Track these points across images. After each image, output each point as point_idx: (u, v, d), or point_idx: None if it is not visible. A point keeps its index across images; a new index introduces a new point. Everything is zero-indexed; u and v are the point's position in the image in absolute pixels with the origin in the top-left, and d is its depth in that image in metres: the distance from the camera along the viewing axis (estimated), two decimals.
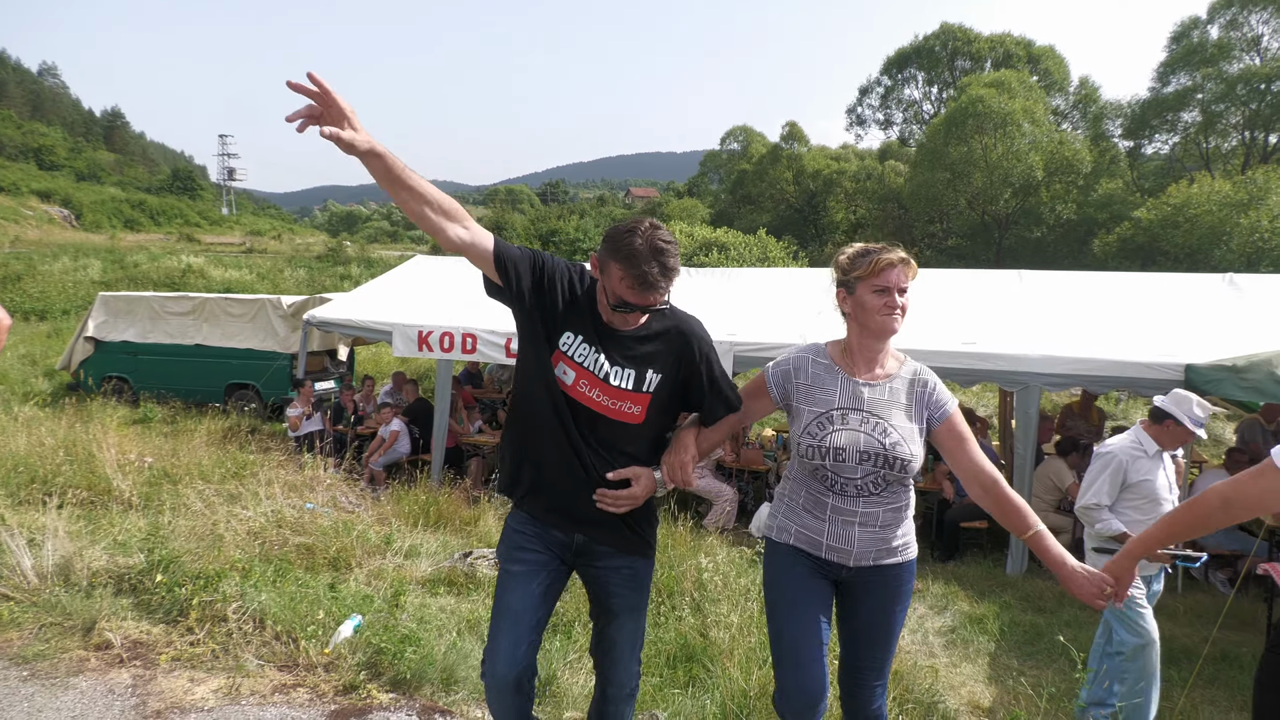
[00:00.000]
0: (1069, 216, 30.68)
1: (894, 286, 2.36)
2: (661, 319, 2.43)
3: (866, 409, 2.41)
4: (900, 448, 2.37)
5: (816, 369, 2.50)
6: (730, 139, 54.87)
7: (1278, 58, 32.00)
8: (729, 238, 24.75)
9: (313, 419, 10.03)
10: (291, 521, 5.86)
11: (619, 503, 2.36)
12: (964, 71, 40.20)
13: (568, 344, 2.37)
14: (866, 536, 2.43)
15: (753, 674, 3.63)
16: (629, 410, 2.38)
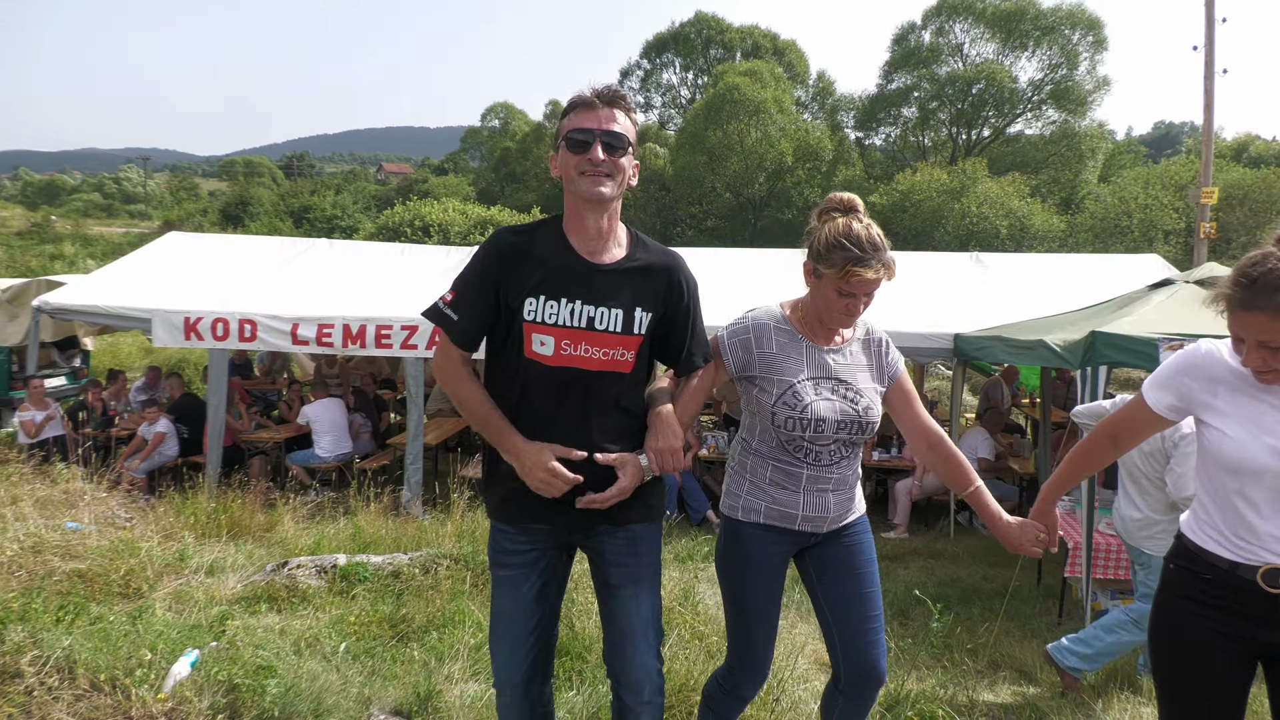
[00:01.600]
0: (815, 200, 33.26)
1: (859, 294, 2.28)
2: (641, 249, 2.21)
3: (835, 375, 2.39)
4: (872, 411, 2.39)
5: (780, 336, 2.40)
6: (491, 115, 53.96)
7: (976, 64, 36.56)
8: (504, 216, 24.36)
9: (53, 422, 8.62)
10: (55, 545, 4.99)
11: (607, 502, 2.13)
12: (717, 60, 42.24)
13: (533, 310, 2.09)
14: (839, 500, 2.44)
15: None
16: (622, 358, 2.15)
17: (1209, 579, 1.94)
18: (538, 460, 2.06)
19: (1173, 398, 2.01)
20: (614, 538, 2.22)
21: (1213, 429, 1.93)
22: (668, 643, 3.97)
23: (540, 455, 2.06)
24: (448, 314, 2.15)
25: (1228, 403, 1.91)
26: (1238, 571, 1.89)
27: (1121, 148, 40.91)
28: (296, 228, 36.13)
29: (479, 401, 2.14)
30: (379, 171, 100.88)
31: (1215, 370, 1.94)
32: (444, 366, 2.20)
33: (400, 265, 10.43)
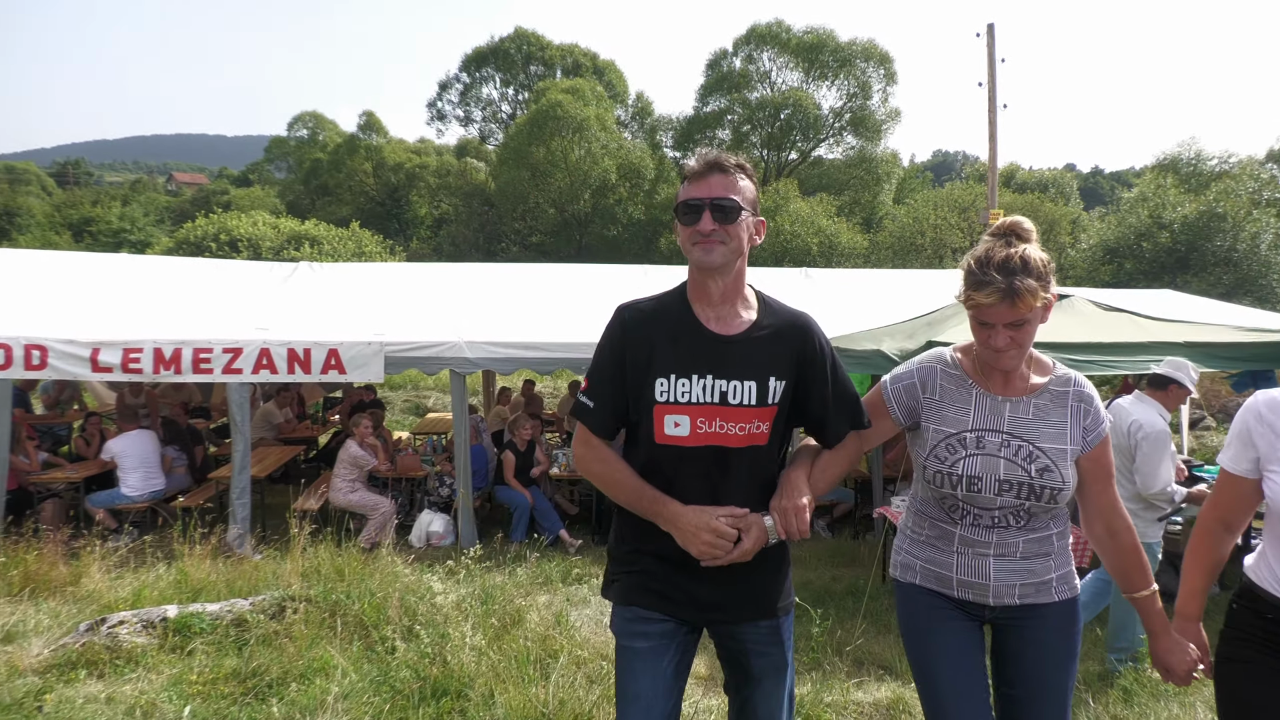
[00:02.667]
0: (639, 216, 33.98)
1: (996, 322, 2.00)
2: (768, 313, 2.11)
3: (1008, 430, 2.09)
4: (1050, 474, 2.05)
5: (946, 382, 2.17)
6: (299, 125, 51.17)
7: (783, 90, 38.77)
8: (320, 230, 23.05)
9: None
10: None
11: (728, 560, 2.00)
12: (538, 76, 42.29)
13: (665, 390, 2.02)
14: (1006, 568, 2.12)
15: (532, 689, 3.42)
16: (758, 430, 2.05)
17: (1270, 618, 1.99)
18: (700, 522, 1.98)
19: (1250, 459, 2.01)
20: (757, 628, 2.15)
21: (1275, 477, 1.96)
22: (553, 672, 3.83)
23: (702, 517, 1.98)
24: (585, 403, 2.10)
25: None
26: None
27: (911, 173, 44.69)
28: (76, 242, 32.56)
29: (627, 476, 2.07)
30: (169, 181, 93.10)
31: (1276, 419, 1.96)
32: (585, 455, 2.14)
33: (215, 282, 9.60)
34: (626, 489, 2.07)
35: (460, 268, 11.98)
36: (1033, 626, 2.14)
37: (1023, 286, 1.94)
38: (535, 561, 6.24)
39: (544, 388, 14.49)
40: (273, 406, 10.24)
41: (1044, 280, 1.99)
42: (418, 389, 16.87)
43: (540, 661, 3.99)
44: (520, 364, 7.84)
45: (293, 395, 10.86)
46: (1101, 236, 23.85)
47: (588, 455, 2.13)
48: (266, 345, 7.43)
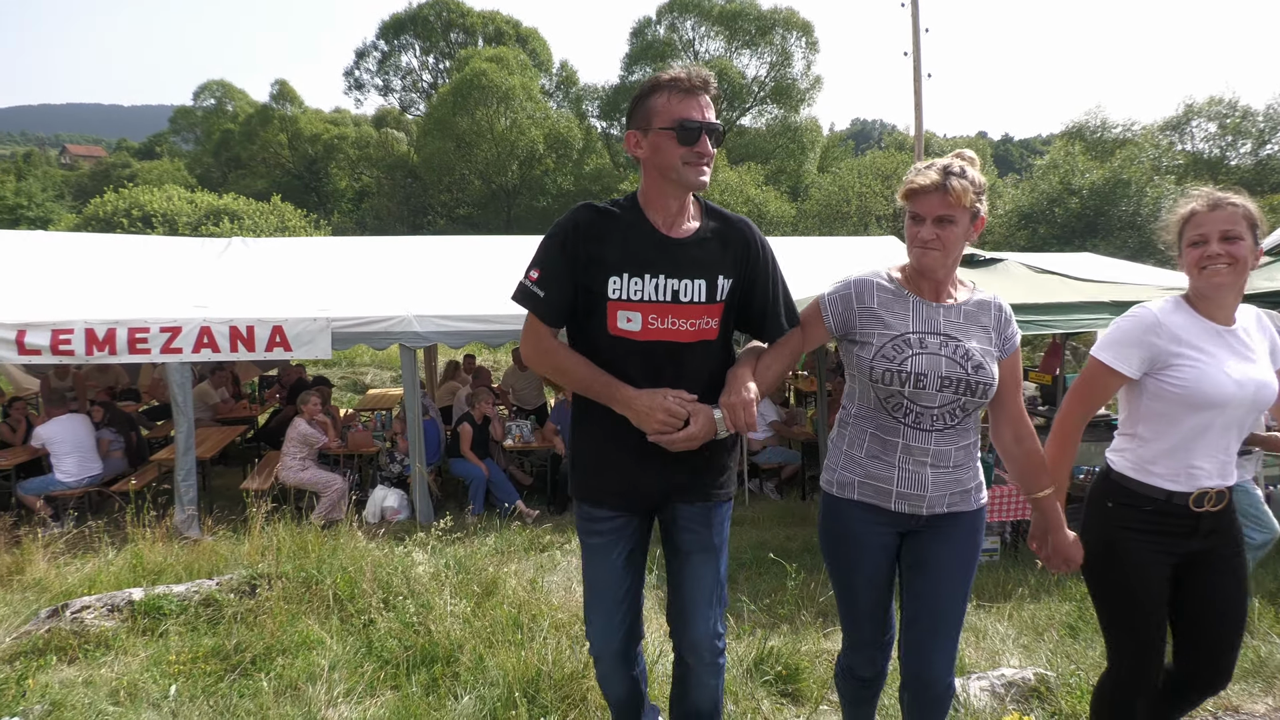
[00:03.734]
0: (569, 188, 33.73)
1: (927, 215, 2.18)
2: (714, 219, 2.25)
3: (943, 332, 2.25)
4: (983, 371, 2.22)
5: (883, 294, 2.29)
6: (206, 94, 48.85)
7: (706, 59, 38.82)
8: (240, 205, 22.21)
9: None
10: None
11: (674, 444, 2.13)
12: (459, 44, 41.29)
13: (618, 288, 2.14)
14: (941, 479, 2.26)
15: (523, 653, 3.50)
16: (708, 326, 2.20)
17: (1149, 510, 2.34)
18: (654, 403, 2.11)
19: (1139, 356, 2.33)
20: (690, 506, 2.30)
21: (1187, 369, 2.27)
22: (536, 636, 3.92)
23: (655, 398, 2.11)
24: (535, 292, 2.17)
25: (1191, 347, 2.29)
26: (1173, 500, 2.32)
27: (834, 140, 45.39)
28: None
29: (580, 365, 2.18)
30: (63, 154, 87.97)
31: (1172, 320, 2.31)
32: (535, 345, 2.23)
33: (142, 259, 9.24)
34: (580, 374, 2.18)
35: (398, 241, 11.78)
36: (950, 531, 2.32)
37: (957, 181, 2.13)
38: (498, 532, 6.30)
39: (485, 360, 14.41)
40: (208, 387, 9.95)
41: (979, 191, 2.19)
42: (354, 366, 16.55)
43: (523, 625, 4.07)
44: (471, 337, 7.81)
45: (227, 375, 10.57)
46: (1016, 203, 24.80)
47: (539, 345, 2.23)
48: (207, 323, 7.22)
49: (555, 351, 2.21)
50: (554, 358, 2.22)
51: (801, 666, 3.79)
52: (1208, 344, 2.28)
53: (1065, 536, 2.38)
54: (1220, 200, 2.29)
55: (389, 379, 15.94)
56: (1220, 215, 2.27)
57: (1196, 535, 2.34)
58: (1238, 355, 2.29)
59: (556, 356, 2.21)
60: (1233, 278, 2.27)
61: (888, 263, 2.43)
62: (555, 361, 2.22)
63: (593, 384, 2.17)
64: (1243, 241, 2.25)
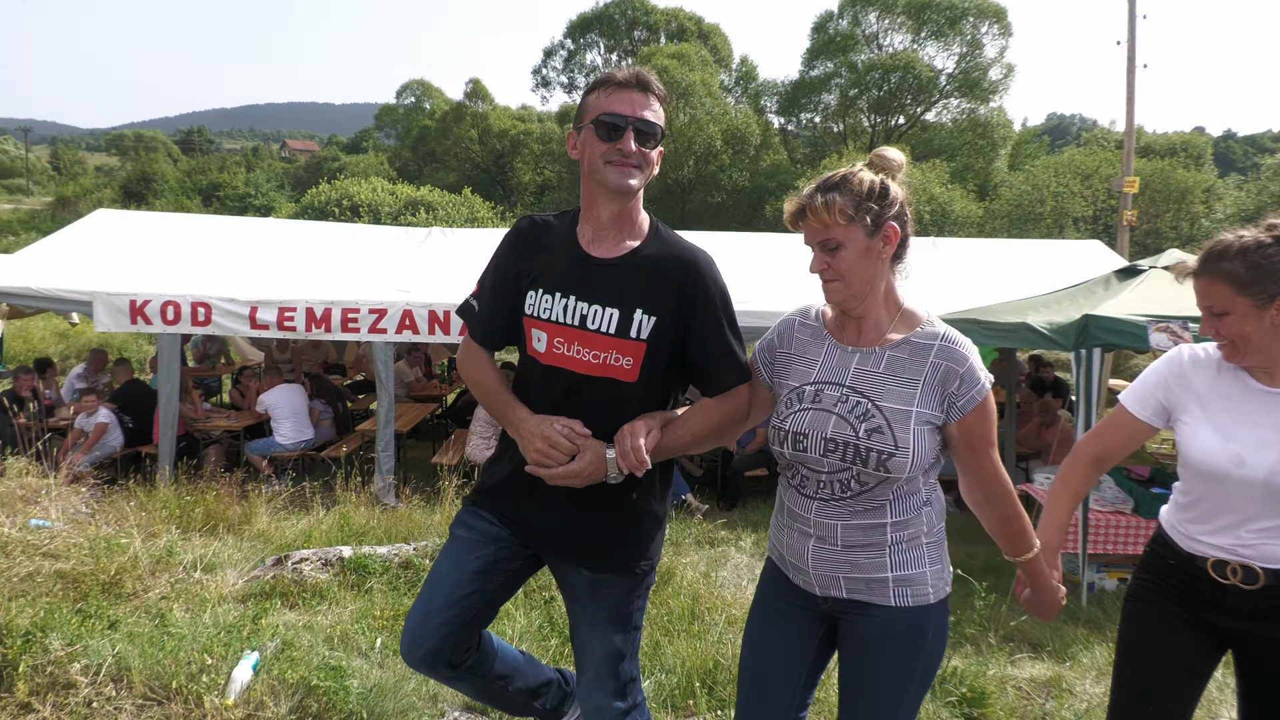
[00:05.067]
0: (744, 184, 33.62)
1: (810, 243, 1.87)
2: (655, 243, 1.97)
3: (849, 384, 1.85)
4: (880, 436, 1.78)
5: (802, 334, 1.97)
6: (407, 93, 52.37)
7: (890, 52, 37.47)
8: (435, 196, 23.73)
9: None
10: (25, 545, 4.64)
11: (552, 479, 1.89)
12: (642, 41, 42.06)
13: (533, 304, 1.96)
14: (825, 556, 1.87)
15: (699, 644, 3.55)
16: (617, 363, 1.91)
17: (1173, 564, 2.07)
18: (538, 430, 1.89)
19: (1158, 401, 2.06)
20: (578, 573, 2.06)
21: (1186, 427, 2.01)
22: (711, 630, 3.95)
23: (541, 425, 1.89)
24: (470, 304, 2.10)
25: (1200, 405, 1.99)
26: (1195, 562, 2.02)
27: (1026, 136, 42.68)
28: (206, 205, 34.43)
29: (493, 382, 2.04)
30: (283, 148, 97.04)
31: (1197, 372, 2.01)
32: (463, 355, 2.12)
33: (354, 246, 10.06)
34: (486, 390, 2.05)
35: None
36: (865, 628, 1.87)
37: (820, 199, 1.78)
38: (670, 523, 6.40)
39: None
40: (404, 365, 10.69)
41: (860, 200, 1.78)
42: None
43: (699, 617, 4.12)
44: None
45: (421, 355, 11.32)
46: (1240, 205, 22.39)
47: (465, 356, 2.11)
48: (409, 307, 7.78)
49: (474, 363, 2.08)
50: (473, 369, 2.08)
51: (989, 691, 3.62)
52: (1228, 404, 1.94)
53: (1049, 589, 2.02)
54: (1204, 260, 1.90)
55: None
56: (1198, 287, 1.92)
57: (1226, 612, 1.97)
58: (1263, 427, 1.89)
59: (475, 369, 2.08)
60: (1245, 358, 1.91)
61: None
62: (473, 373, 2.09)
63: (495, 402, 2.03)
64: (1230, 316, 1.86)
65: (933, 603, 1.86)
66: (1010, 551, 1.96)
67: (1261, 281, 1.80)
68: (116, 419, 8.16)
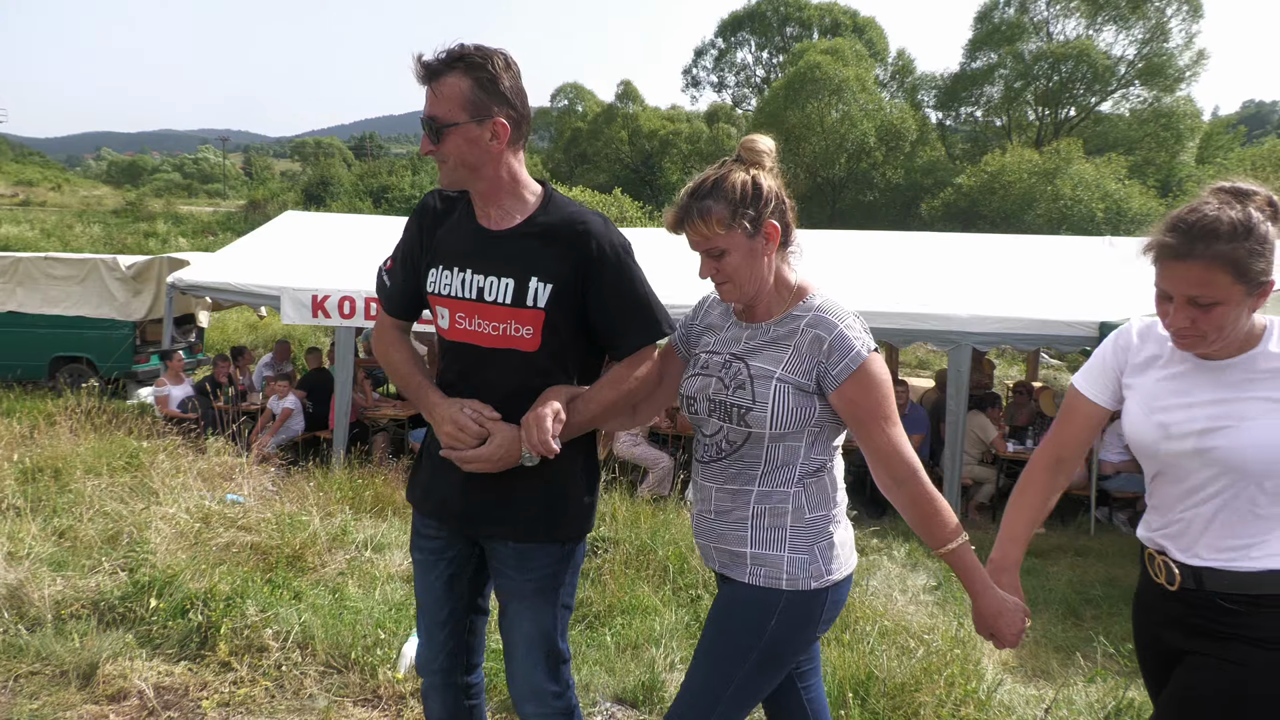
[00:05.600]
0: (898, 181, 32.56)
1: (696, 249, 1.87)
2: (549, 214, 1.92)
3: (734, 351, 1.91)
4: (742, 392, 1.82)
5: (714, 309, 2.05)
6: (561, 96, 53.91)
7: (1061, 40, 35.21)
8: (586, 196, 24.34)
9: (188, 396, 8.86)
10: (222, 517, 5.10)
11: (464, 463, 1.87)
12: (794, 38, 41.49)
13: (434, 281, 1.94)
14: (703, 525, 1.94)
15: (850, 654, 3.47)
16: (519, 334, 1.88)
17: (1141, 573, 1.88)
18: (446, 413, 1.88)
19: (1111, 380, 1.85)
20: (505, 546, 2.00)
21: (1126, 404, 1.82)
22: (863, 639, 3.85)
23: (451, 409, 1.87)
24: (383, 280, 2.07)
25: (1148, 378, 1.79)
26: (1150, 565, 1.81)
27: (1218, 127, 39.03)
28: (376, 207, 36.73)
29: (404, 362, 2.02)
30: None
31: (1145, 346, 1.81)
32: (377, 336, 2.11)
33: None
34: (399, 373, 2.02)
35: None
36: (721, 598, 1.92)
37: (696, 211, 1.77)
38: None
39: None
40: None
41: (735, 205, 1.77)
42: None
43: (850, 626, 4.03)
44: None
45: None
46: None
47: (379, 335, 2.08)
48: None
49: (389, 344, 2.05)
50: (386, 349, 2.06)
51: None
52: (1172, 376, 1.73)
53: (991, 602, 1.80)
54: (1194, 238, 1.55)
55: None
56: (1185, 271, 1.56)
57: (1168, 624, 1.75)
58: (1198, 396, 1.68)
59: (388, 349, 2.05)
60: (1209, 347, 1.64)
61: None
62: (386, 353, 2.06)
63: (408, 385, 2.01)
64: (1220, 308, 1.55)
65: (785, 589, 1.81)
66: (930, 543, 1.83)
67: (1261, 260, 1.54)
68: (300, 404, 8.85)
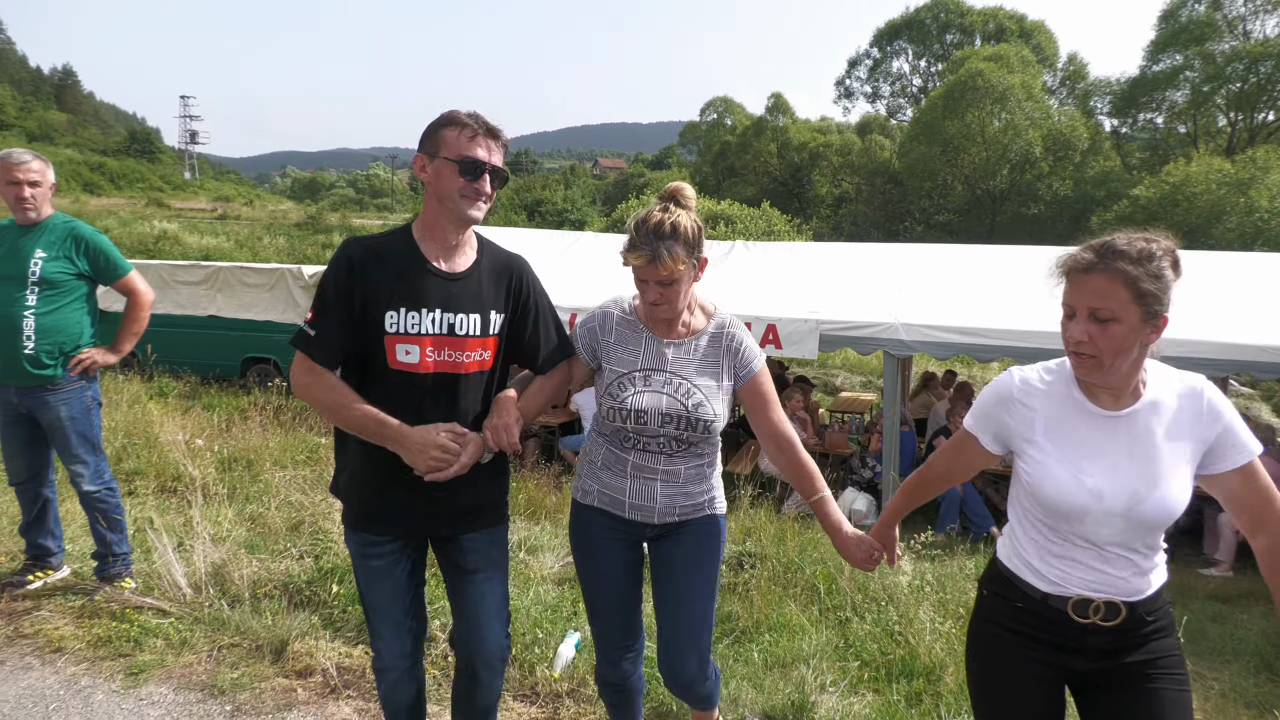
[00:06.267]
0: (1065, 193, 30.71)
1: (649, 280, 2.22)
2: (488, 256, 2.33)
3: (670, 369, 2.32)
4: (703, 409, 2.30)
5: (621, 326, 2.39)
6: (710, 110, 54.23)
7: (1267, 40, 32.19)
8: (734, 210, 24.34)
9: None
10: None
11: (450, 475, 2.15)
12: (954, 45, 39.97)
13: (395, 322, 2.17)
14: (670, 492, 2.38)
15: None
16: (484, 358, 2.28)
17: (1020, 607, 1.92)
18: (427, 439, 2.12)
19: (992, 432, 1.97)
20: (476, 535, 2.35)
21: (1033, 462, 1.87)
22: None
23: (428, 434, 2.12)
24: (308, 333, 2.16)
25: (1045, 437, 1.86)
26: (1049, 602, 1.88)
27: None
28: (529, 220, 38.14)
29: (354, 401, 2.15)
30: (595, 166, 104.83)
31: (1031, 400, 1.88)
32: (307, 382, 2.17)
33: None
34: (354, 413, 2.14)
35: (880, 248, 11.83)
36: (681, 536, 2.42)
37: (666, 252, 2.16)
38: (976, 556, 6.02)
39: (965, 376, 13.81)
40: None
41: (691, 246, 2.22)
42: (825, 367, 17.09)
43: None
44: (957, 349, 7.54)
45: None
46: None
47: (313, 382, 2.16)
48: None
49: (327, 388, 2.16)
50: (326, 394, 2.16)
51: None
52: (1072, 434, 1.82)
53: (845, 537, 2.35)
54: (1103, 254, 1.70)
55: (858, 383, 16.15)
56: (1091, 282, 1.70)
57: (1085, 654, 1.86)
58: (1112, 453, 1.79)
59: (329, 393, 2.15)
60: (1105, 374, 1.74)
61: (631, 291, 2.40)
62: (328, 397, 2.15)
63: (367, 423, 2.13)
64: (1117, 325, 1.68)
65: (722, 513, 2.49)
66: (803, 494, 2.40)
67: (1156, 295, 1.68)
68: None
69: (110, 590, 3.77)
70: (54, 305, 3.66)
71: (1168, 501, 1.77)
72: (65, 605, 3.75)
